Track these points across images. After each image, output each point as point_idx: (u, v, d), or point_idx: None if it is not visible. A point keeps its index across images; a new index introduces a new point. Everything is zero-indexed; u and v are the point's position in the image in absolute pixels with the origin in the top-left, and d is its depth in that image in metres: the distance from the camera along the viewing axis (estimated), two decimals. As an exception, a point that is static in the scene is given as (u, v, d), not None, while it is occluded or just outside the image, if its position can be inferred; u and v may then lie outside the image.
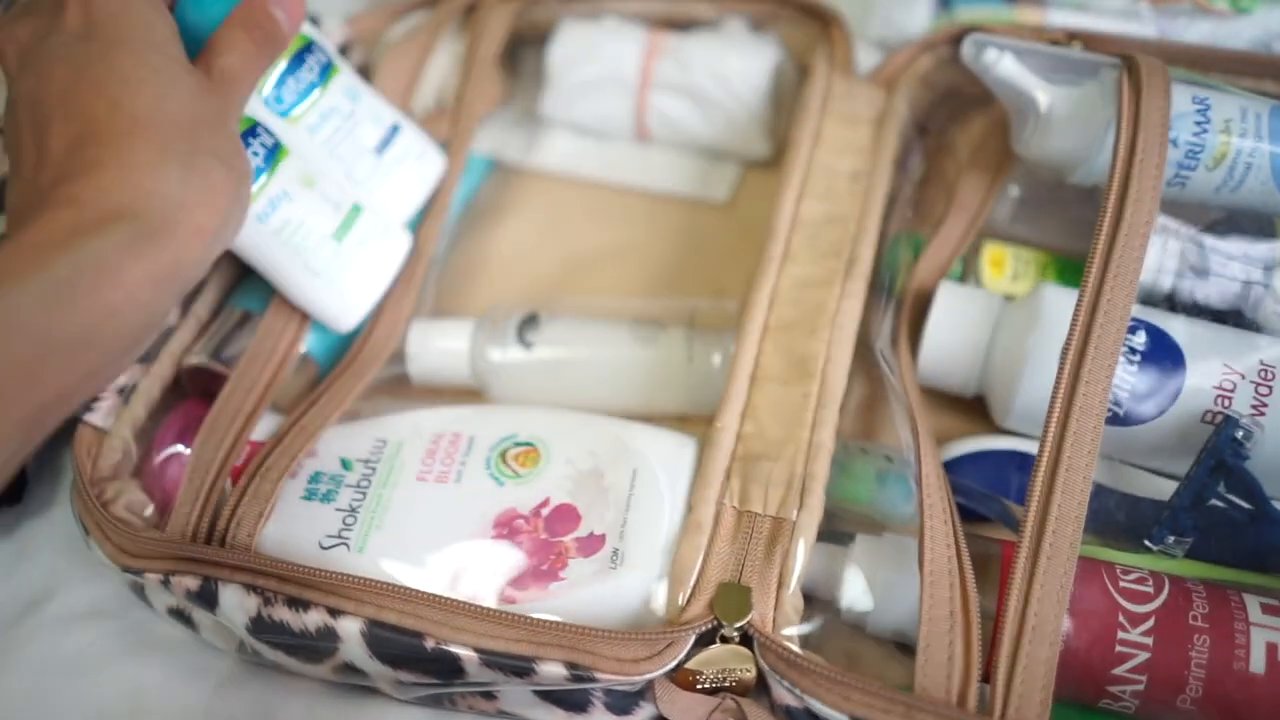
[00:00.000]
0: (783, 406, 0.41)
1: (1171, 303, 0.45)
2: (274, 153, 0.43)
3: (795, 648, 0.36)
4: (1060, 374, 0.38)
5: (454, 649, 0.36)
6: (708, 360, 0.45)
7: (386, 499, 0.41)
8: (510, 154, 0.59)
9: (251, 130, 0.43)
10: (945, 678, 0.35)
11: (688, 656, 0.38)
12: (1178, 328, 0.41)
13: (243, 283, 0.51)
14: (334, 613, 0.37)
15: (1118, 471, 0.42)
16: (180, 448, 0.45)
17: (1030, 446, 0.43)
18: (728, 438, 0.41)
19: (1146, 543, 0.40)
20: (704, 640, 0.38)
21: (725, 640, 0.37)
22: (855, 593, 0.39)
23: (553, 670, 0.36)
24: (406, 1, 0.60)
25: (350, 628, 0.37)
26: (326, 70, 0.46)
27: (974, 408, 0.46)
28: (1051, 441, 0.37)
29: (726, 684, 0.38)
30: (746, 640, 0.37)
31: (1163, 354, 0.40)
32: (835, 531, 0.42)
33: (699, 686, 0.38)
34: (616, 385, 0.46)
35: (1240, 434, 0.38)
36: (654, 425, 0.43)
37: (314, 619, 0.37)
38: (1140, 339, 0.41)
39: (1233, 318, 0.43)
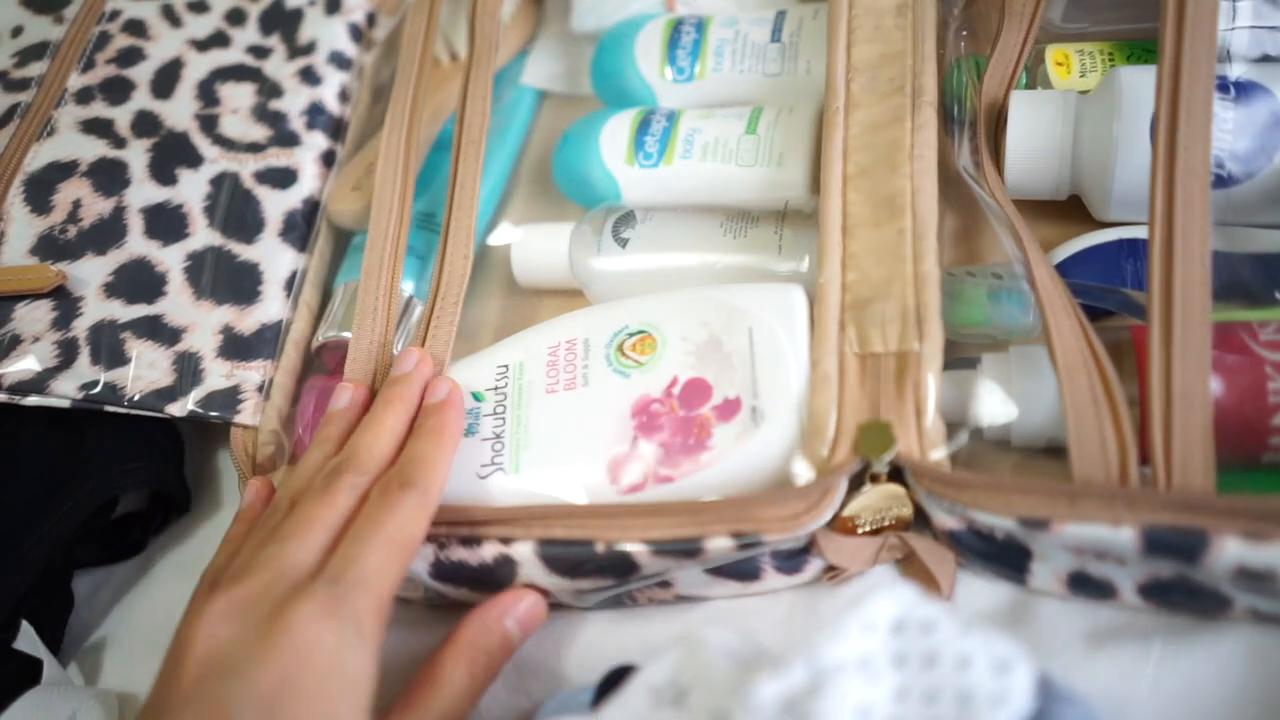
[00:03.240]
0: (881, 247, 0.41)
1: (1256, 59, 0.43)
2: None
3: (947, 468, 0.37)
4: (1155, 145, 0.37)
5: (624, 547, 0.38)
6: (798, 254, 0.45)
7: (525, 419, 0.42)
8: (559, 85, 0.59)
9: None
10: (1102, 462, 0.35)
11: (844, 504, 0.38)
12: (1267, 74, 0.40)
13: (344, 262, 0.53)
14: (506, 541, 0.39)
15: (1236, 234, 0.41)
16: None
17: (1138, 232, 0.43)
18: (833, 290, 0.41)
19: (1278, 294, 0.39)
20: (857, 484, 0.38)
21: (875, 479, 0.38)
22: (994, 408, 0.39)
23: (720, 544, 0.37)
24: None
25: (524, 550, 0.39)
26: None
27: (1071, 210, 0.46)
28: (1160, 213, 0.37)
29: (886, 523, 0.39)
30: (897, 475, 0.38)
31: (1256, 102, 0.39)
32: (962, 359, 0.42)
33: (861, 531, 0.39)
34: (710, 280, 0.46)
35: (1353, 162, 0.37)
36: (755, 283, 0.43)
37: (489, 551, 0.39)
38: (1229, 95, 0.40)
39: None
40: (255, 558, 0.36)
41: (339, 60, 0.58)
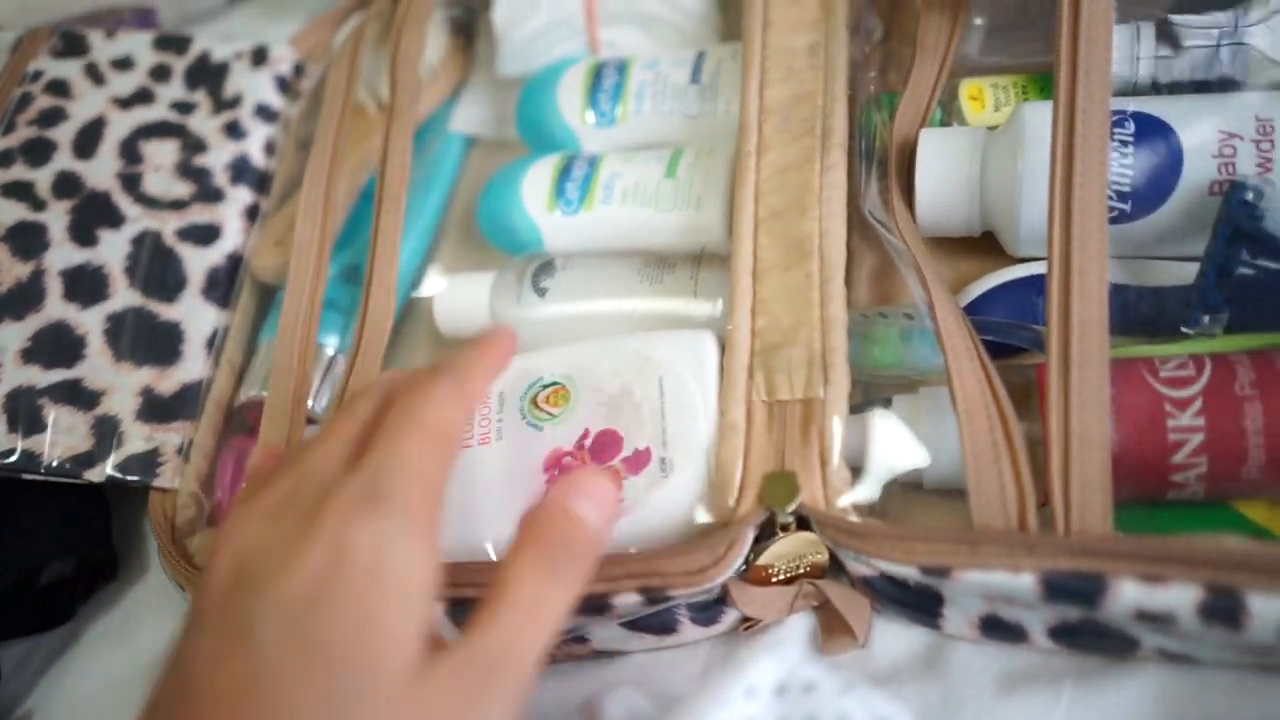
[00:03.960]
0: (789, 292, 0.41)
1: (1156, 88, 0.43)
2: None
3: (852, 517, 0.37)
4: (1051, 184, 0.37)
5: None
6: (714, 299, 0.45)
7: (438, 478, 0.42)
8: (488, 131, 0.59)
9: None
10: (1001, 507, 0.35)
11: (757, 553, 0.38)
12: (1164, 107, 0.40)
13: (269, 318, 0.53)
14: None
15: (1140, 268, 0.41)
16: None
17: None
18: (743, 336, 0.41)
19: (1184, 329, 0.39)
20: (768, 533, 0.38)
21: (784, 529, 0.38)
22: (904, 451, 0.39)
23: (628, 600, 0.37)
24: (341, 9, 0.61)
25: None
26: None
27: (990, 245, 0.45)
28: (1058, 252, 0.36)
29: (801, 570, 0.39)
30: (806, 524, 0.38)
31: (1154, 137, 0.39)
32: (875, 400, 0.42)
33: (775, 579, 0.39)
34: (628, 327, 0.46)
35: (1251, 195, 0.37)
36: (668, 330, 0.43)
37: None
38: (1128, 129, 0.40)
39: (1216, 86, 0.41)
40: (275, 475, 0.32)
41: (265, 113, 0.57)
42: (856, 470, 0.39)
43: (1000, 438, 0.35)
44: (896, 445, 0.39)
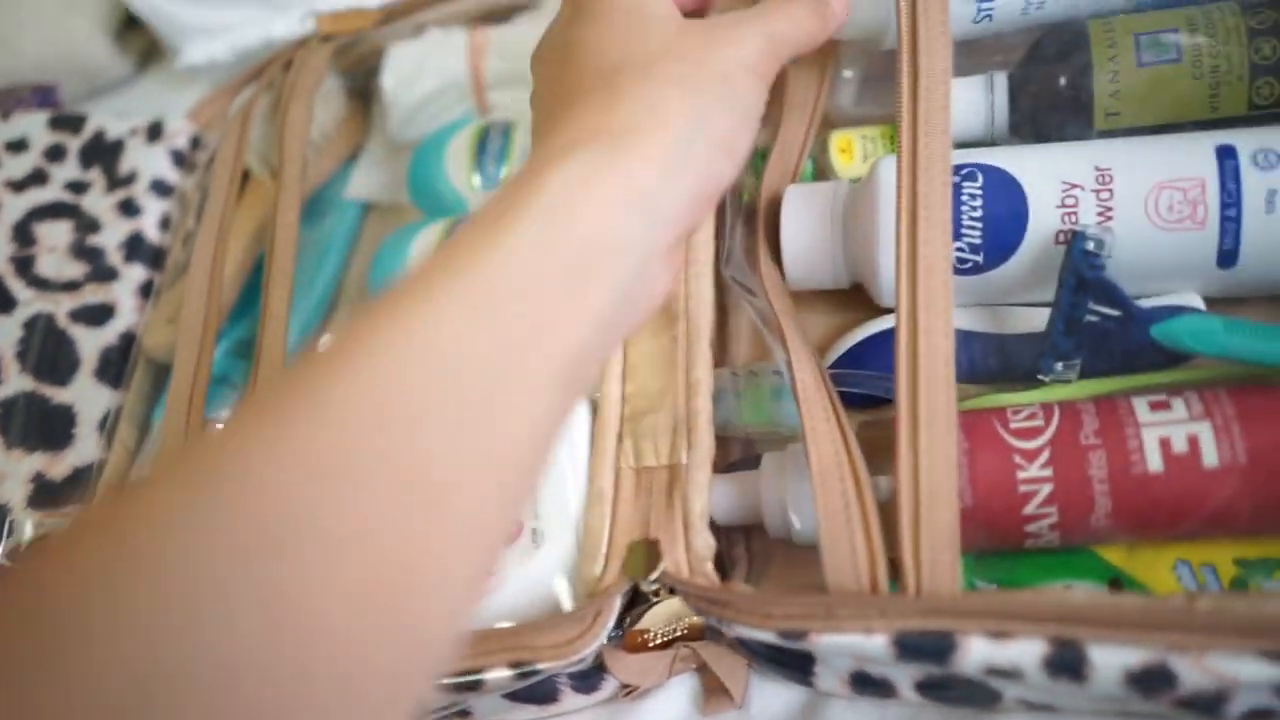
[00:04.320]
0: (656, 357, 0.42)
1: (1016, 134, 0.44)
2: None
3: (711, 582, 0.37)
4: (898, 244, 0.38)
5: (407, 681, 0.38)
6: None
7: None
8: (386, 195, 0.60)
9: None
10: (853, 569, 0.35)
11: (634, 619, 0.38)
12: (1011, 159, 0.41)
13: (163, 396, 0.53)
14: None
15: (1000, 315, 0.42)
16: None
17: (916, 317, 0.43)
18: (613, 402, 0.41)
19: (1039, 376, 0.39)
20: (644, 599, 0.39)
21: (657, 594, 0.38)
22: (769, 511, 0.40)
23: (500, 675, 0.37)
24: (239, 78, 0.61)
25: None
26: None
27: (861, 296, 0.46)
28: (905, 309, 0.37)
29: (678, 633, 0.39)
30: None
31: (1002, 190, 0.40)
32: (750, 458, 0.42)
33: (652, 644, 0.39)
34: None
35: (1091, 245, 0.37)
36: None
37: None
38: (977, 183, 0.40)
39: (1068, 134, 0.42)
40: None
41: (160, 188, 0.58)
42: (739, 529, 0.39)
43: (853, 499, 0.36)
44: (767, 505, 0.39)
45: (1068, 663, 0.32)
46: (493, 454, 0.26)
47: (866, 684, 0.37)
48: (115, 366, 0.52)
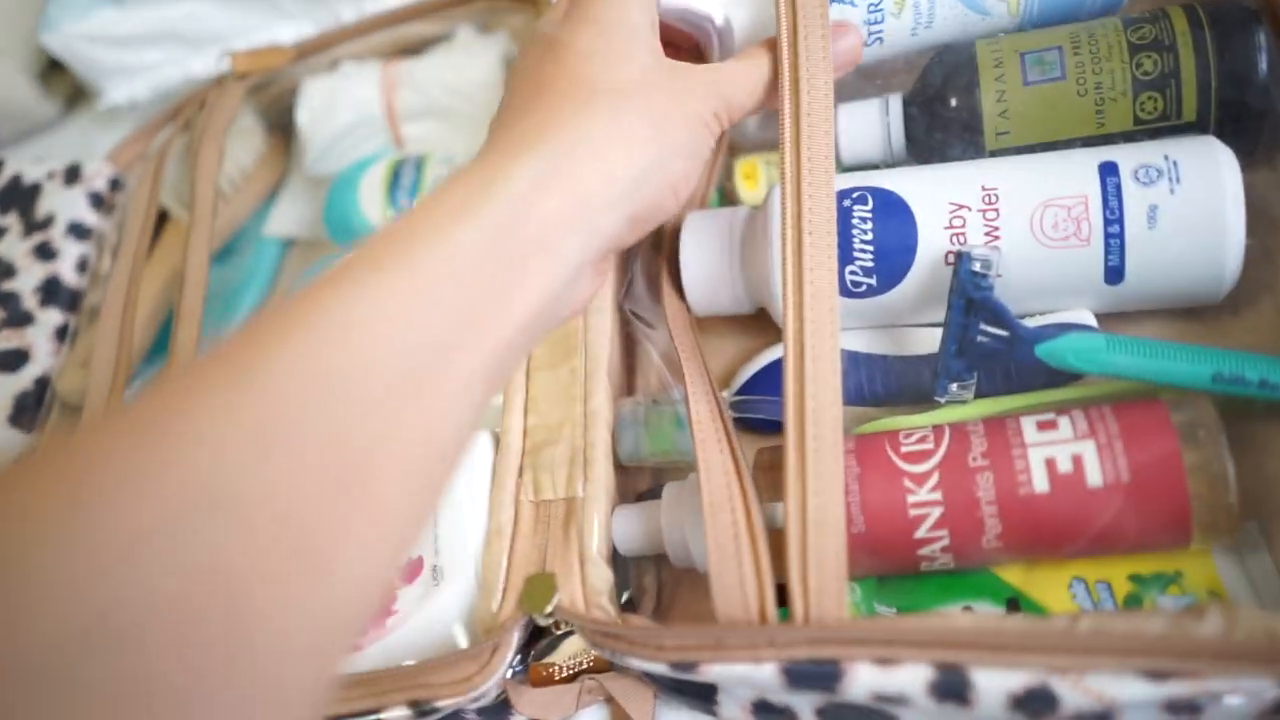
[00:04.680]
0: (555, 389, 0.42)
1: (918, 156, 0.45)
2: None
3: (607, 616, 0.37)
4: (784, 271, 0.38)
5: (308, 725, 0.38)
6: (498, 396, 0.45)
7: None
8: (306, 231, 0.60)
9: None
10: (742, 599, 0.35)
11: (538, 654, 0.38)
12: (900, 181, 0.41)
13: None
14: None
15: (899, 337, 0.42)
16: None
17: (818, 341, 0.43)
18: (514, 435, 0.41)
19: (936, 398, 0.40)
20: (546, 633, 0.38)
21: (558, 627, 0.38)
22: (671, 541, 0.39)
23: (398, 714, 0.37)
24: (158, 118, 0.61)
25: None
26: None
27: (771, 321, 0.46)
28: (792, 335, 0.37)
29: (584, 666, 0.39)
30: (576, 623, 0.38)
31: (891, 214, 0.40)
32: (659, 487, 0.42)
33: (558, 678, 0.39)
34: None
35: (977, 265, 0.38)
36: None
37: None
38: (867, 206, 0.40)
39: (968, 142, 0.42)
40: None
41: (78, 231, 0.57)
42: (638, 559, 0.39)
43: (743, 529, 0.36)
44: (668, 534, 0.39)
45: (952, 687, 0.32)
46: (415, 441, 0.26)
47: (769, 712, 0.37)
48: (30, 412, 0.52)
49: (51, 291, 0.55)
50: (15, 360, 0.53)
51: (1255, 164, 0.39)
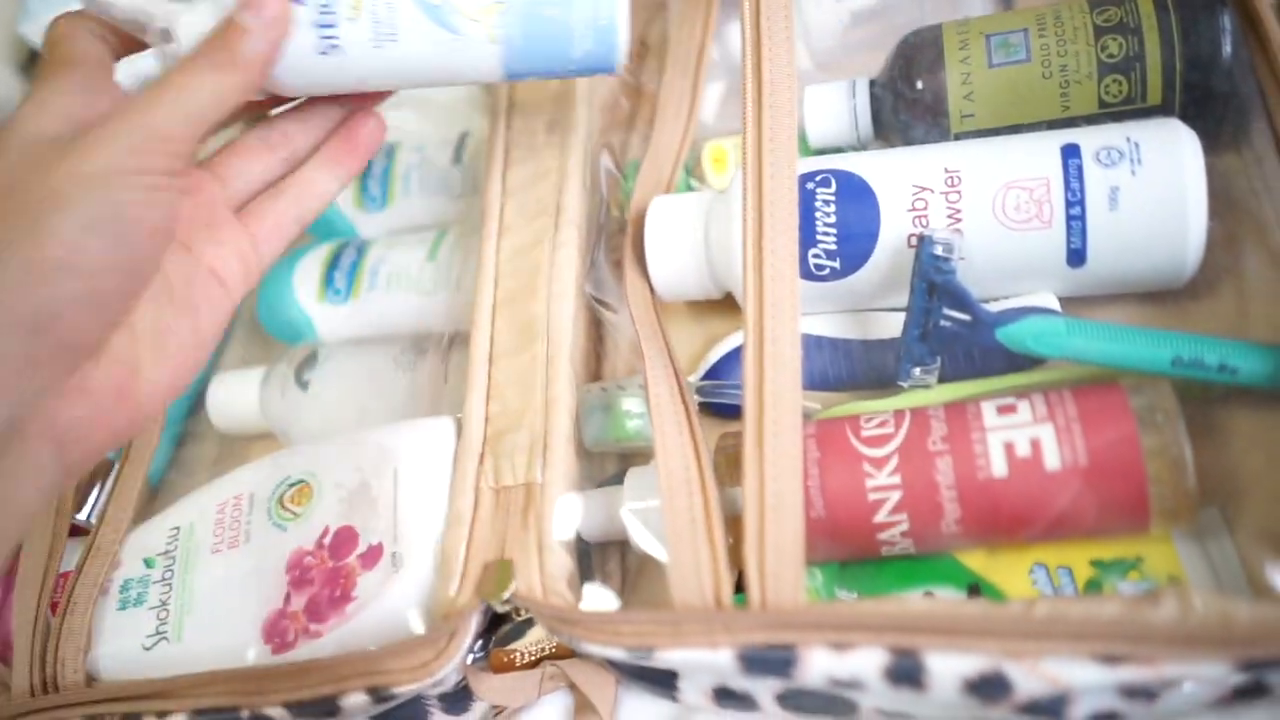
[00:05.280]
0: (518, 376, 0.41)
1: (886, 139, 0.44)
2: None
3: (566, 602, 0.36)
4: (745, 252, 0.37)
5: (266, 711, 0.37)
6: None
7: (191, 583, 0.42)
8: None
9: None
10: (697, 584, 0.35)
11: (501, 640, 0.38)
12: (864, 163, 0.40)
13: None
14: (162, 715, 0.39)
15: (863, 321, 0.42)
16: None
17: (785, 326, 0.43)
18: (476, 422, 0.41)
19: (899, 382, 0.39)
20: (504, 620, 0.38)
21: (519, 613, 0.38)
22: (632, 527, 0.39)
23: (357, 700, 0.37)
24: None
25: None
26: None
27: (734, 305, 0.46)
28: (752, 317, 0.36)
29: (545, 652, 0.39)
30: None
31: (854, 195, 0.40)
32: (617, 475, 0.42)
33: (520, 664, 0.39)
34: (384, 414, 0.46)
35: (939, 249, 0.37)
36: (414, 420, 0.43)
37: (150, 725, 0.39)
38: (830, 189, 0.40)
39: (933, 124, 0.42)
40: None
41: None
42: (602, 545, 0.39)
43: (700, 514, 0.35)
44: (629, 521, 0.39)
45: (906, 672, 0.32)
46: None
47: (729, 698, 0.37)
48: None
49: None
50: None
51: (1220, 148, 0.39)
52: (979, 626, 0.31)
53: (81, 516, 0.47)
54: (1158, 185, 0.36)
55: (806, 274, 0.40)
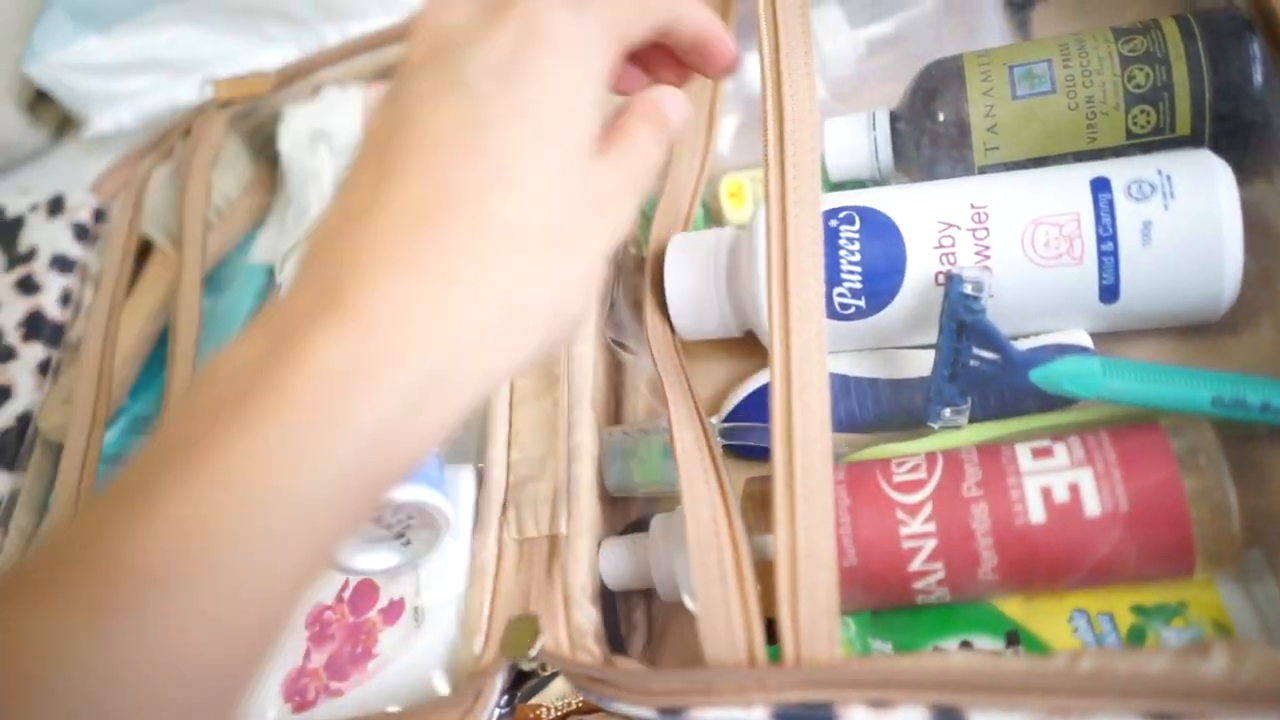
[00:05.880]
0: (538, 422, 0.40)
1: (907, 172, 0.43)
2: None
3: (593, 658, 0.36)
4: (769, 291, 0.36)
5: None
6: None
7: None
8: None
9: None
10: (730, 639, 0.34)
11: (525, 695, 0.37)
12: (888, 200, 0.40)
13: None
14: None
15: (889, 359, 0.41)
16: None
17: (808, 365, 0.42)
18: (497, 471, 0.40)
19: (929, 423, 0.38)
20: (528, 674, 0.37)
21: (544, 668, 0.37)
22: (659, 576, 0.38)
23: (382, 762, 0.36)
24: (143, 146, 0.60)
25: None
26: None
27: (755, 343, 0.45)
28: (779, 360, 0.36)
29: (572, 708, 0.38)
30: (563, 664, 0.37)
31: (878, 234, 0.39)
32: (648, 518, 0.41)
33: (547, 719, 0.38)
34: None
35: (968, 287, 0.36)
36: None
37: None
38: (854, 226, 0.39)
39: (956, 157, 0.41)
40: None
41: (61, 264, 0.57)
42: (627, 594, 0.38)
43: (730, 566, 0.34)
44: (656, 570, 0.38)
45: (949, 730, 0.31)
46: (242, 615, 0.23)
47: (762, 752, 0.36)
48: (12, 450, 0.51)
49: (34, 326, 0.54)
50: (-3, 397, 0.52)
51: (1251, 178, 0.38)
52: (1023, 683, 0.30)
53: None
54: (1192, 218, 0.35)
55: (831, 313, 0.40)
